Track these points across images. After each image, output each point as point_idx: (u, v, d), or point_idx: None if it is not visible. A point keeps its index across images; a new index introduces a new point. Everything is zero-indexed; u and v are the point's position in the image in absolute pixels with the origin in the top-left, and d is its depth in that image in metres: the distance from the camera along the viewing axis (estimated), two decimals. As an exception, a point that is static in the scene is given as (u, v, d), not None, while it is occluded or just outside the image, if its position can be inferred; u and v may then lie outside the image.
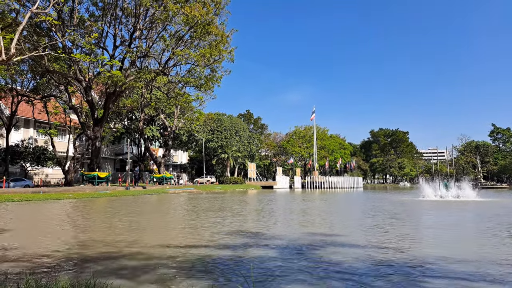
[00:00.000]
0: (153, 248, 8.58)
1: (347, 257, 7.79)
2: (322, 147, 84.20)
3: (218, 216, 15.96)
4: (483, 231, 12.13)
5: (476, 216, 17.49)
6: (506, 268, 6.92)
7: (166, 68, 40.93)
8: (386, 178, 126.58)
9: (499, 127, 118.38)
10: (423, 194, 31.91)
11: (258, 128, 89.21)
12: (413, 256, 7.99)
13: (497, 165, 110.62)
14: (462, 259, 7.65)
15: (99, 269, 6.57)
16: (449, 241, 10.15)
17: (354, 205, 25.68)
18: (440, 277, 6.29)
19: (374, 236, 10.86)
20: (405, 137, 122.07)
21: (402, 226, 13.21)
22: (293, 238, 10.17)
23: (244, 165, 68.17)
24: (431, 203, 25.14)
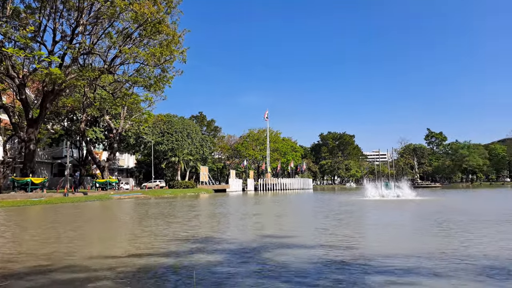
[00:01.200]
0: (91, 260, 7.91)
1: (296, 258, 7.85)
2: (275, 149, 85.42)
3: (166, 222, 15.31)
4: (420, 228, 12.85)
5: (414, 214, 18.65)
6: (441, 261, 7.33)
7: (112, 66, 38.90)
8: (334, 179, 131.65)
9: (433, 131, 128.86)
10: (367, 194, 33.48)
11: (212, 131, 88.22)
12: (357, 254, 8.23)
13: (432, 166, 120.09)
14: (402, 255, 7.99)
15: (26, 286, 5.89)
16: (390, 239, 10.64)
17: (303, 206, 26.22)
18: (380, 273, 6.53)
19: (322, 236, 11.09)
20: (351, 140, 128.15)
21: (348, 225, 13.65)
22: (244, 242, 10.05)
23: (196, 168, 66.89)
24: (374, 203, 26.38)
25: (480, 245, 9.20)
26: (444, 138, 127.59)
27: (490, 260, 7.51)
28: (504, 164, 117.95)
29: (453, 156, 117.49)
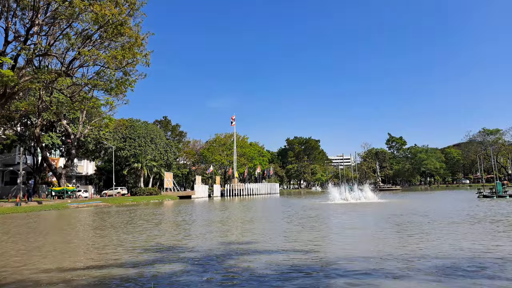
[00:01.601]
0: (44, 273, 7.40)
1: (260, 264, 7.83)
2: (242, 154, 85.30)
3: (126, 232, 14.72)
4: (381, 230, 13.24)
5: (376, 217, 19.18)
6: (400, 262, 7.55)
7: (71, 69, 37.12)
8: (300, 183, 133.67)
9: (394, 136, 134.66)
10: (331, 198, 34.14)
11: (176, 136, 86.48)
12: (320, 258, 8.34)
13: (393, 170, 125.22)
14: (363, 257, 8.17)
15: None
16: (351, 242, 10.83)
17: (269, 211, 26.19)
18: (342, 276, 6.65)
19: (286, 241, 11.14)
20: (317, 145, 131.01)
21: (311, 229, 13.82)
22: (207, 249, 9.86)
23: (160, 174, 65.21)
24: (338, 206, 26.90)
25: (435, 245, 9.58)
26: (404, 142, 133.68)
27: (444, 259, 7.82)
28: (459, 166, 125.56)
29: (412, 159, 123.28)
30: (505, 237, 10.83)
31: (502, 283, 5.94)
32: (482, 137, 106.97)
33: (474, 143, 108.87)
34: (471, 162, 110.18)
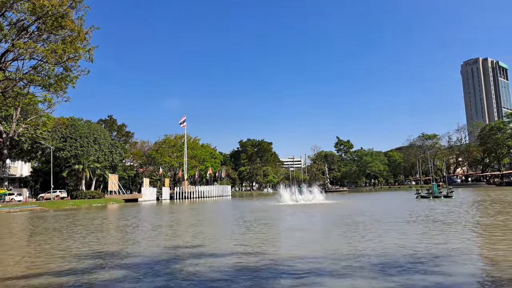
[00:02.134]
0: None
1: (207, 267, 7.66)
2: (193, 156, 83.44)
3: (64, 238, 13.60)
4: (327, 230, 13.60)
5: (323, 217, 19.72)
6: (344, 261, 7.69)
7: (3, 62, 33.93)
8: (252, 185, 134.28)
9: (342, 140, 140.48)
10: (282, 199, 34.44)
11: (123, 136, 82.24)
12: (268, 258, 8.29)
13: (340, 172, 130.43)
14: (310, 257, 8.26)
15: None
16: (299, 242, 10.94)
17: (219, 214, 25.94)
18: (288, 276, 6.67)
19: (235, 243, 10.97)
20: (269, 147, 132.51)
21: (260, 231, 13.73)
22: (152, 254, 9.44)
23: (104, 177, 61.60)
24: (288, 207, 27.23)
25: (378, 243, 9.92)
26: (351, 146, 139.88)
27: (385, 256, 8.07)
28: (400, 169, 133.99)
29: (358, 162, 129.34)
30: (440, 234, 11.47)
31: (436, 279, 6.16)
32: (421, 141, 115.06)
33: (414, 147, 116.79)
34: (411, 164, 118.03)
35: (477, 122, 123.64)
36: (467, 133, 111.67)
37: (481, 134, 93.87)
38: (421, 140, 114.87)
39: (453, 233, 11.49)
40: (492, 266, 7.10)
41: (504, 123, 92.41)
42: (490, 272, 6.70)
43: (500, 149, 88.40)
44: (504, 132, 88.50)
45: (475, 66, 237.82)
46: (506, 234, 11.02)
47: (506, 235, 10.91)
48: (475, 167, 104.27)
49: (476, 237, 10.95)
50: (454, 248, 8.92)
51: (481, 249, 9.14)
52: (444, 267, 6.94)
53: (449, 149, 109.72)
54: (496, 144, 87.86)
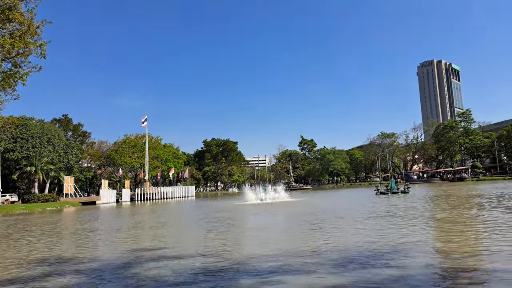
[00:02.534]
0: None
1: (168, 269, 7.41)
2: (155, 156, 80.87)
3: (13, 244, 12.64)
4: (291, 228, 13.67)
5: (286, 216, 19.78)
6: (308, 258, 7.69)
7: None
8: (217, 185, 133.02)
9: (306, 139, 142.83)
10: (247, 199, 34.20)
11: (79, 136, 77.94)
12: (231, 258, 8.18)
13: (304, 170, 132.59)
14: (273, 255, 8.21)
15: None
16: (263, 241, 10.82)
17: (182, 215, 25.41)
18: (251, 275, 6.61)
19: (198, 244, 10.67)
20: (234, 147, 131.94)
21: (225, 231, 13.45)
22: (110, 258, 9.04)
23: (59, 179, 58.11)
24: (253, 207, 27.08)
25: (339, 240, 10.06)
26: (314, 144, 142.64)
27: (346, 252, 8.19)
28: (361, 166, 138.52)
29: (321, 160, 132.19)
30: (396, 229, 11.81)
31: (391, 271, 6.30)
32: (380, 140, 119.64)
33: (374, 145, 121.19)
34: (371, 162, 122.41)
35: (432, 121, 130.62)
36: (423, 131, 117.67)
37: (436, 133, 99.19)
38: (381, 138, 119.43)
39: (408, 228, 11.82)
40: (444, 258, 7.38)
41: (456, 122, 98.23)
42: (442, 263, 6.95)
43: (452, 146, 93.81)
44: (456, 130, 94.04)
45: (430, 68, 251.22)
46: (458, 227, 11.50)
47: (458, 228, 11.38)
48: (430, 164, 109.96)
49: (430, 231, 11.36)
50: (410, 241, 9.18)
51: (435, 242, 9.46)
52: (400, 260, 7.14)
53: (406, 147, 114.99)
54: (449, 142, 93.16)
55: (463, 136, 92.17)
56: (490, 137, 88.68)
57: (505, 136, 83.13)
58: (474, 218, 13.39)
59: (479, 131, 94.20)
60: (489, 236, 9.66)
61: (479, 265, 6.59)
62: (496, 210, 15.40)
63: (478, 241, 9.07)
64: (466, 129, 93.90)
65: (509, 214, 13.70)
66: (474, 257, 7.20)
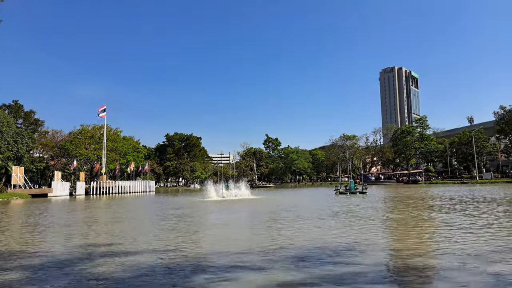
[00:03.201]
0: None
1: (119, 266, 7.12)
2: (113, 149, 77.52)
3: None
4: (252, 226, 13.65)
5: (248, 213, 19.71)
6: (265, 255, 7.68)
7: None
8: (179, 181, 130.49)
9: (271, 137, 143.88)
10: (209, 195, 33.67)
11: (31, 124, 72.72)
12: (187, 256, 8.01)
13: (268, 168, 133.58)
14: (231, 253, 8.15)
15: None
16: (221, 238, 10.72)
17: (140, 210, 24.58)
18: (206, 272, 6.52)
19: (154, 240, 10.33)
20: (198, 142, 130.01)
21: (183, 228, 13.07)
22: (56, 254, 8.52)
23: (7, 169, 54.10)
24: (214, 203, 26.78)
25: (297, 237, 10.17)
26: (279, 143, 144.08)
27: (303, 249, 8.32)
28: (323, 166, 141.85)
29: (285, 159, 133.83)
30: (352, 228, 12.18)
31: (345, 269, 6.46)
32: (342, 141, 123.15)
33: (335, 147, 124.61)
34: (333, 163, 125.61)
35: (391, 126, 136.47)
36: (382, 135, 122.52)
37: (393, 137, 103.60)
38: (342, 140, 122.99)
39: (363, 227, 12.14)
40: (395, 256, 7.66)
41: (413, 127, 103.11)
42: (393, 261, 7.25)
43: (408, 150, 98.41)
44: (412, 135, 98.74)
45: (391, 74, 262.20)
46: (410, 227, 12.00)
47: (411, 228, 11.87)
48: (388, 166, 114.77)
49: (384, 230, 11.72)
50: (364, 240, 9.45)
51: (388, 241, 9.76)
52: (354, 258, 7.33)
53: (366, 149, 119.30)
54: (406, 146, 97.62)
55: (419, 141, 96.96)
56: (443, 143, 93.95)
57: (457, 143, 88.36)
58: (427, 219, 13.99)
59: (434, 137, 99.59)
60: (439, 236, 10.11)
61: (428, 263, 6.88)
62: (447, 212, 16.17)
63: (429, 240, 9.47)
64: (422, 134, 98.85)
65: (459, 215, 14.47)
66: (424, 256, 7.53)
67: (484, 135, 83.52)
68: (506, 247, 8.14)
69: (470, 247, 8.15)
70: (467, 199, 23.49)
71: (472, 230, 10.57)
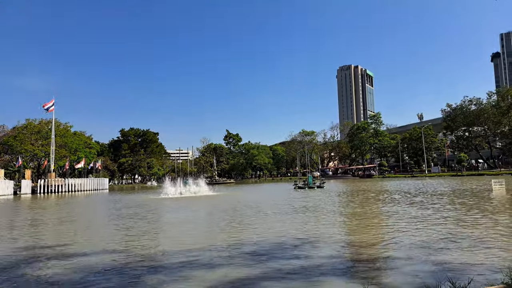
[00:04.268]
0: None
1: (68, 268, 6.73)
2: (62, 145, 72.83)
3: None
4: (209, 223, 13.48)
5: (206, 210, 19.41)
6: (218, 252, 7.57)
7: None
8: (134, 178, 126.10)
9: (231, 133, 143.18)
10: (166, 192, 32.70)
11: (-31, 118, 66.84)
12: (141, 254, 7.80)
13: (229, 164, 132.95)
14: (186, 251, 7.96)
15: None
16: (178, 236, 10.40)
17: (92, 209, 23.61)
18: (158, 271, 6.33)
19: (107, 240, 9.94)
20: (155, 138, 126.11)
21: (136, 226, 12.53)
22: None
23: None
24: (172, 200, 26.10)
25: (253, 233, 10.12)
26: (239, 139, 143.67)
27: (258, 245, 8.24)
28: (283, 162, 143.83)
29: (246, 155, 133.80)
30: (308, 222, 12.37)
31: (300, 262, 6.48)
32: (301, 137, 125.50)
33: (295, 142, 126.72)
34: (292, 158, 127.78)
35: (347, 122, 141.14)
36: (339, 131, 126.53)
37: (350, 133, 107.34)
38: (301, 136, 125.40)
39: (320, 220, 12.37)
40: (349, 249, 7.83)
41: (368, 124, 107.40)
42: (347, 253, 7.39)
43: (363, 146, 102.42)
44: (367, 131, 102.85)
45: (348, 72, 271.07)
46: (365, 220, 12.41)
47: (365, 220, 12.28)
48: (344, 161, 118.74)
49: (339, 223, 11.97)
50: (320, 233, 9.59)
51: (343, 233, 9.99)
52: (309, 251, 7.42)
53: (324, 145, 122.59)
54: (361, 141, 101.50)
55: (373, 137, 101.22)
56: (395, 139, 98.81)
57: (408, 139, 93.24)
58: (379, 212, 14.47)
59: (387, 133, 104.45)
60: (390, 227, 10.51)
61: (380, 254, 7.08)
62: (400, 205, 16.86)
63: (381, 232, 9.79)
64: (376, 130, 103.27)
65: (410, 208, 15.15)
66: (376, 247, 7.76)
67: (432, 131, 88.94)
68: (449, 237, 8.54)
69: (418, 238, 8.51)
70: (416, 193, 24.82)
71: (420, 221, 11.05)
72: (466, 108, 76.85)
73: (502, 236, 8.42)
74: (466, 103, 77.21)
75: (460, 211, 13.37)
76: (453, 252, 6.91)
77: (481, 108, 74.09)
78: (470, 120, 75.22)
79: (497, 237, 8.30)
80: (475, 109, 75.22)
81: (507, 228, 9.40)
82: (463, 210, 13.49)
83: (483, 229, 9.41)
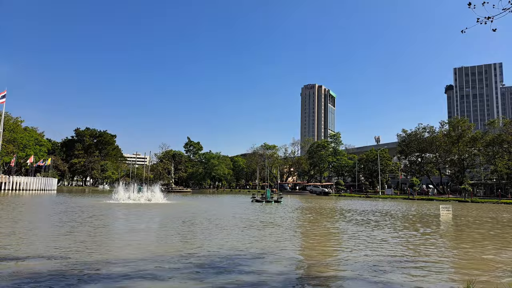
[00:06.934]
0: None
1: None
2: (11, 140, 67.95)
3: None
4: (159, 232, 13.03)
5: (157, 218, 18.77)
6: (166, 263, 7.17)
7: None
8: (86, 180, 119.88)
9: (192, 141, 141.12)
10: (118, 197, 31.36)
11: None
12: (81, 262, 7.43)
13: (187, 172, 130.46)
14: (130, 260, 7.65)
15: None
16: (123, 245, 9.89)
17: (36, 210, 22.01)
18: (98, 281, 6.06)
19: (46, 245, 9.29)
20: (112, 140, 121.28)
21: (79, 232, 11.91)
22: None
23: None
24: (123, 207, 25.03)
25: (203, 245, 9.85)
26: (200, 147, 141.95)
27: (207, 258, 8.06)
28: (243, 174, 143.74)
29: (206, 164, 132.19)
30: (261, 236, 12.40)
31: (248, 277, 6.38)
32: (263, 150, 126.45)
33: (256, 155, 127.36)
34: (253, 170, 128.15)
35: (308, 139, 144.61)
36: (300, 147, 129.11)
37: (310, 150, 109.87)
38: (263, 149, 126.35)
39: (272, 236, 12.40)
40: (299, 266, 7.83)
41: (327, 142, 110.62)
42: (297, 271, 7.36)
43: (322, 163, 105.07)
44: (327, 149, 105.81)
45: (312, 91, 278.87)
46: (317, 237, 12.64)
47: (318, 237, 12.50)
48: (303, 177, 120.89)
49: (292, 239, 12.04)
50: (271, 249, 9.58)
51: (295, 250, 10.01)
52: (259, 266, 7.35)
53: (285, 160, 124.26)
54: (320, 159, 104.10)
55: (332, 155, 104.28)
56: (353, 159, 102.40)
57: (364, 160, 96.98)
58: (332, 229, 14.75)
59: (345, 153, 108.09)
60: (342, 246, 10.71)
61: (329, 273, 7.15)
62: (351, 224, 17.41)
63: (333, 250, 9.96)
64: (335, 149, 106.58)
65: (360, 227, 15.57)
66: (326, 265, 7.86)
67: (388, 154, 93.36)
68: (397, 258, 8.87)
69: (367, 257, 8.74)
70: (369, 213, 25.71)
71: (370, 242, 11.39)
72: (420, 135, 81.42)
73: (447, 258, 8.90)
74: (420, 130, 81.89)
75: (410, 233, 14.02)
76: (399, 274, 7.15)
77: (433, 136, 78.82)
78: (423, 147, 79.71)
79: (443, 260, 8.71)
80: (428, 136, 79.88)
81: (454, 250, 9.97)
82: (412, 232, 14.16)
83: (430, 251, 9.87)
